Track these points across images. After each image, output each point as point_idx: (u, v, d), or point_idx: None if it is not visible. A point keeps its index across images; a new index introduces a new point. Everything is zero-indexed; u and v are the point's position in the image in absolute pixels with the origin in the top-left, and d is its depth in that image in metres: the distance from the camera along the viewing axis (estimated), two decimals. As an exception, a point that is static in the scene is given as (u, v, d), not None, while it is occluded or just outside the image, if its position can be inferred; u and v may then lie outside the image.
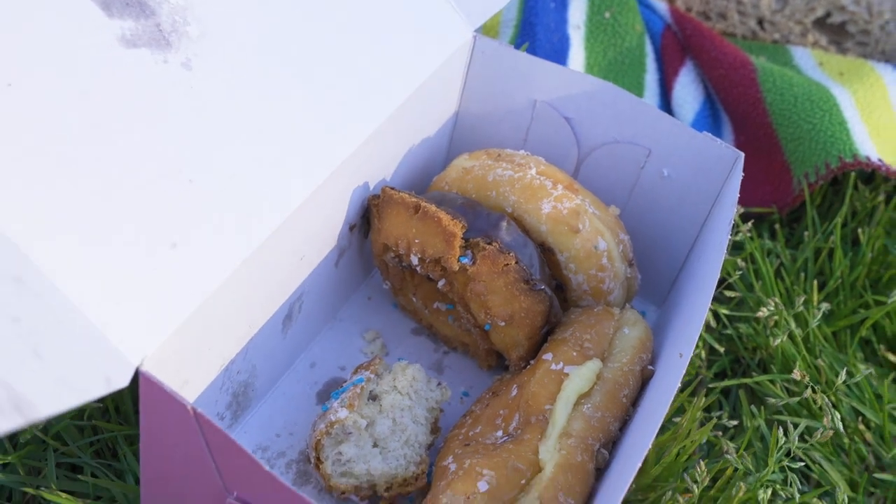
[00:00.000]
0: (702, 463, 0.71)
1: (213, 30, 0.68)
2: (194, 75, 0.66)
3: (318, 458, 0.72)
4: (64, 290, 0.53)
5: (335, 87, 0.74)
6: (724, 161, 0.82)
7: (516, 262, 0.74)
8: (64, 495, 0.69)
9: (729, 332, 0.90)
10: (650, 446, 0.60)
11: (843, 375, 0.76)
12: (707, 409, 0.86)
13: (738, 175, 0.79)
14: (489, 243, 0.74)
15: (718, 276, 0.71)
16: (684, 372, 0.64)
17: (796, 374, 0.74)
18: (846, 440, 0.84)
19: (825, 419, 0.78)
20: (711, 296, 0.69)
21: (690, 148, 0.83)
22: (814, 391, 0.74)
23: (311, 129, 0.71)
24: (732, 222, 0.78)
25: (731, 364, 0.90)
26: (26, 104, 0.57)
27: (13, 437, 0.74)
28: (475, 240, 0.75)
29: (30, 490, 0.69)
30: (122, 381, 0.54)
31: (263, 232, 0.66)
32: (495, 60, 0.87)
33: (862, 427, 0.85)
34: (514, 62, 0.87)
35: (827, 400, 0.73)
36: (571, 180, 0.82)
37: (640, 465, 0.58)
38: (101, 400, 0.75)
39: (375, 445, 0.73)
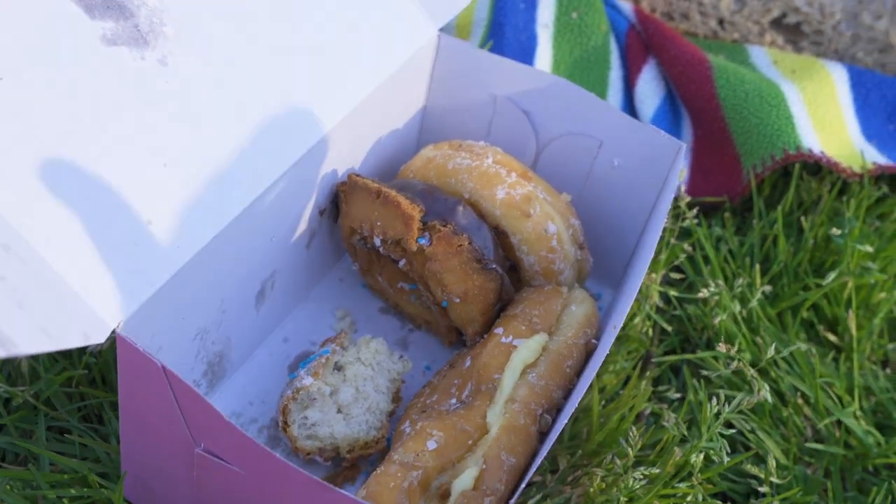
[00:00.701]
0: (634, 429, 0.77)
1: (188, 29, 0.75)
2: (170, 70, 0.73)
3: (285, 422, 0.78)
4: (47, 259, 0.60)
5: (303, 81, 0.80)
6: (668, 151, 0.88)
7: (469, 243, 0.81)
8: (53, 454, 0.76)
9: (678, 313, 0.96)
10: (577, 405, 0.66)
11: (771, 350, 0.82)
12: (656, 385, 0.92)
13: (680, 164, 0.85)
14: (444, 226, 0.81)
15: (652, 256, 0.77)
16: (613, 340, 0.70)
17: (721, 348, 0.80)
18: (785, 413, 0.90)
19: (761, 391, 0.85)
20: (643, 275, 0.76)
21: (638, 139, 0.89)
22: (741, 363, 0.80)
23: (279, 120, 0.78)
24: (670, 206, 0.85)
25: (682, 343, 0.96)
26: (17, 95, 0.63)
27: (7, 403, 0.80)
28: (432, 223, 0.81)
29: (22, 445, 0.76)
30: (99, 338, 0.61)
31: (233, 211, 0.73)
32: (459, 58, 0.93)
33: (801, 402, 0.91)
34: (475, 60, 0.93)
35: (754, 371, 0.79)
36: (526, 169, 0.88)
37: (566, 422, 0.65)
38: (88, 368, 0.82)
39: (339, 411, 0.80)
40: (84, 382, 0.82)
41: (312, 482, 0.60)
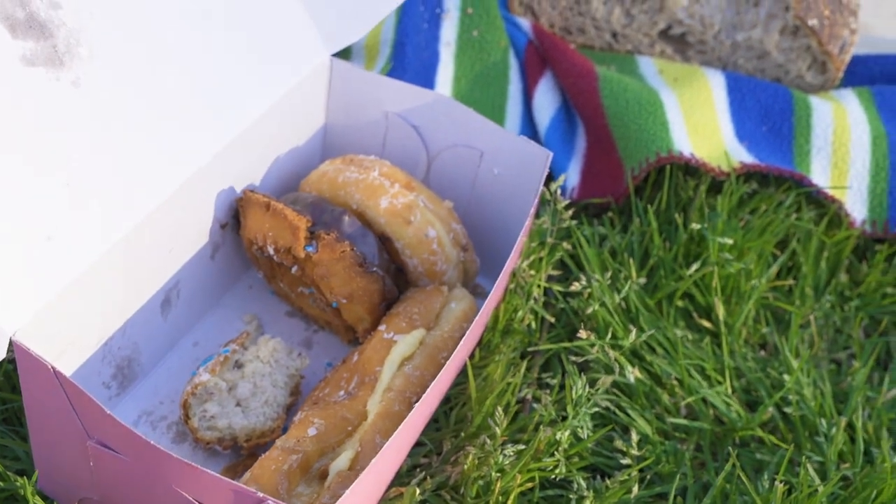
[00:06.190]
0: (500, 409, 0.85)
1: (100, 51, 0.82)
2: (81, 92, 0.80)
3: (186, 415, 0.86)
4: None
5: (201, 103, 0.88)
6: (540, 159, 0.96)
7: (352, 249, 0.89)
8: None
9: (563, 306, 1.04)
10: (444, 392, 0.74)
11: (633, 335, 0.90)
12: (542, 373, 1.00)
13: (546, 170, 0.94)
14: (328, 234, 0.89)
15: (518, 256, 0.86)
16: (483, 330, 0.78)
17: (581, 334, 0.88)
18: (660, 393, 0.98)
19: (632, 373, 0.93)
20: (510, 271, 0.84)
21: (513, 149, 0.97)
22: (606, 348, 0.88)
23: (177, 138, 0.85)
24: (549, 208, 0.93)
25: (569, 335, 1.04)
26: None
27: (-66, 408, 0.88)
28: (318, 231, 0.89)
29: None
30: (1, 350, 0.69)
31: (129, 224, 0.80)
32: (351, 79, 1.02)
33: (675, 383, 1.00)
34: (367, 81, 1.02)
35: (616, 354, 0.87)
36: (410, 179, 0.96)
37: (436, 405, 0.73)
38: (7, 376, 0.90)
39: (238, 405, 0.88)
40: (6, 388, 0.90)
41: (185, 465, 0.67)
